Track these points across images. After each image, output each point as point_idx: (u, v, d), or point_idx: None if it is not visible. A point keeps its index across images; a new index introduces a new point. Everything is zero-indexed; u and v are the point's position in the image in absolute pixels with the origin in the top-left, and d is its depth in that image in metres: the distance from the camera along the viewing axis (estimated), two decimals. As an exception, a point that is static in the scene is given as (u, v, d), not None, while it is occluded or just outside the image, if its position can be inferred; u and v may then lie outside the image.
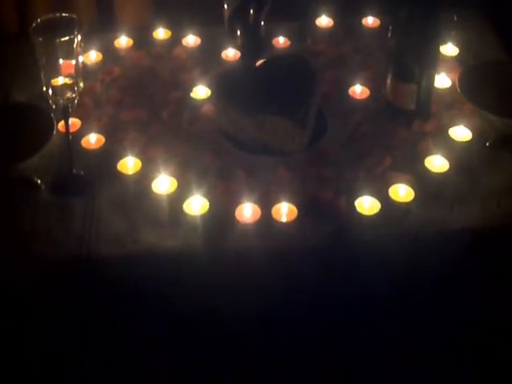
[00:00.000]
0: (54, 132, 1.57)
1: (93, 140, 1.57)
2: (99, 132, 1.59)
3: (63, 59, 1.40)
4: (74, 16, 1.43)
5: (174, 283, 1.38)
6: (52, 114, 1.58)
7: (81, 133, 1.58)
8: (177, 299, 1.38)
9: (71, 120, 1.50)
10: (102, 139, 1.58)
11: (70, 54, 1.40)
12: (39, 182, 1.50)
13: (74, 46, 1.39)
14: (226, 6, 1.78)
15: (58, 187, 1.49)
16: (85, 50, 1.66)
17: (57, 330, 1.43)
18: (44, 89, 1.43)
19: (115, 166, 1.51)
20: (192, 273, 1.37)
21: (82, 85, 1.44)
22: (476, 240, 1.41)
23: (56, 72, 1.42)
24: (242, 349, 1.48)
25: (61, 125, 1.57)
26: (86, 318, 1.42)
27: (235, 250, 1.38)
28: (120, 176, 1.50)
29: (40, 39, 1.38)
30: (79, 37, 1.40)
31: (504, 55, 1.80)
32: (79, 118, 1.60)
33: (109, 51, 1.81)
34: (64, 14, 1.43)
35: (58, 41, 1.37)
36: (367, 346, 1.49)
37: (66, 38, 1.38)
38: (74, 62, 1.41)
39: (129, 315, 1.42)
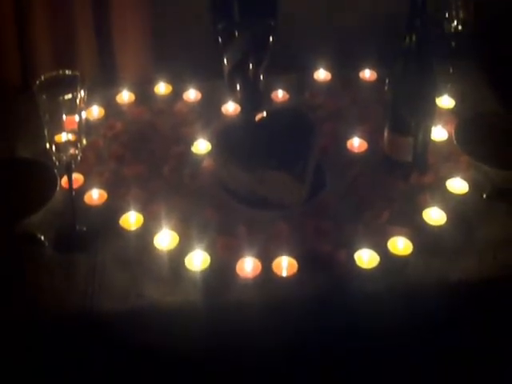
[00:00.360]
0: (58, 188, 1.59)
1: (95, 196, 1.60)
2: (101, 187, 1.61)
3: (66, 116, 1.42)
4: (77, 73, 1.45)
5: (175, 337, 1.39)
6: (55, 170, 1.60)
7: (83, 188, 1.61)
8: (179, 353, 1.39)
9: (74, 175, 1.52)
10: (105, 195, 1.60)
11: (73, 110, 1.42)
12: (42, 238, 1.52)
13: (77, 102, 1.42)
14: (225, 61, 1.81)
15: (61, 243, 1.51)
16: (87, 106, 1.70)
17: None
18: (47, 145, 1.45)
19: (117, 222, 1.53)
20: (193, 327, 1.39)
21: (84, 141, 1.47)
22: (472, 292, 1.42)
23: (59, 128, 1.44)
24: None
25: (64, 181, 1.59)
26: (88, 372, 1.43)
27: (236, 304, 1.39)
28: (122, 231, 1.52)
29: (44, 97, 1.40)
30: (82, 93, 1.42)
31: (499, 107, 1.83)
32: (82, 174, 1.63)
33: (111, 106, 1.85)
34: (67, 71, 1.45)
35: (61, 98, 1.39)
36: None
37: (70, 95, 1.40)
38: (77, 118, 1.43)
39: (132, 369, 1.43)
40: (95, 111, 1.82)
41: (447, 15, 1.79)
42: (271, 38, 1.78)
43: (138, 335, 1.40)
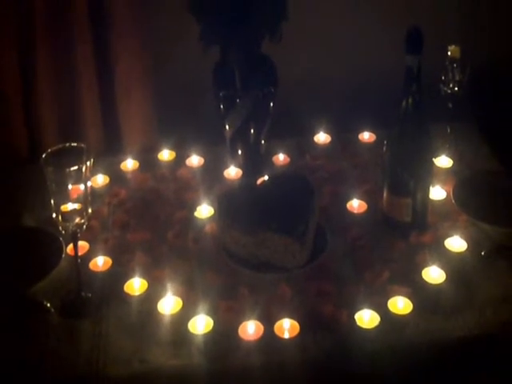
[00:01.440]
0: (63, 255, 1.61)
1: (100, 263, 1.62)
2: (106, 254, 1.64)
3: (72, 186, 1.46)
4: (83, 145, 1.49)
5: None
6: (61, 238, 1.63)
7: (89, 255, 1.64)
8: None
9: (79, 243, 1.54)
10: (109, 261, 1.63)
11: (78, 180, 1.46)
12: (48, 305, 1.54)
13: (83, 173, 1.46)
14: (227, 127, 1.86)
15: (66, 310, 1.54)
16: (92, 175, 1.74)
17: None
18: (54, 215, 1.48)
19: (122, 288, 1.55)
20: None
21: (90, 210, 1.50)
22: (473, 349, 1.43)
23: (65, 198, 1.47)
24: None
25: (69, 248, 1.61)
26: None
27: (239, 367, 1.41)
28: (127, 297, 1.54)
29: (50, 168, 1.45)
30: (88, 164, 1.46)
31: (497, 165, 1.86)
32: (87, 241, 1.66)
33: (115, 174, 1.89)
34: (73, 144, 1.50)
35: (67, 170, 1.44)
36: None
37: (75, 167, 1.44)
38: (82, 188, 1.47)
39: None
40: (100, 179, 1.86)
41: (443, 78, 1.83)
42: (271, 104, 1.84)
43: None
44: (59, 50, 1.94)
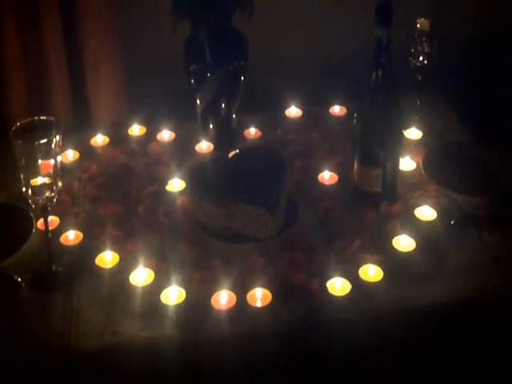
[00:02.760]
0: (34, 230, 1.60)
1: (71, 237, 1.62)
2: (77, 228, 1.63)
3: (42, 160, 1.45)
4: (52, 118, 1.49)
5: (152, 372, 1.40)
6: (31, 213, 1.62)
7: (59, 230, 1.63)
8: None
9: (50, 218, 1.53)
10: (80, 235, 1.62)
11: (48, 154, 1.45)
12: (19, 279, 1.54)
13: (53, 146, 1.45)
14: (198, 102, 1.85)
15: (37, 284, 1.53)
16: (62, 149, 1.72)
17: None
18: (24, 189, 1.47)
19: (93, 261, 1.55)
20: (170, 361, 1.40)
21: (60, 184, 1.49)
22: (443, 317, 1.45)
23: (35, 172, 1.46)
24: None
25: (40, 223, 1.61)
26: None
27: (212, 337, 1.41)
28: (98, 270, 1.54)
29: (19, 142, 1.43)
30: (57, 138, 1.45)
31: (466, 136, 1.87)
32: (57, 216, 1.65)
33: (85, 149, 1.88)
34: (42, 117, 1.49)
35: (36, 143, 1.43)
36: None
37: (45, 140, 1.43)
38: (52, 162, 1.46)
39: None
40: (70, 155, 1.85)
41: (413, 50, 1.84)
42: (242, 78, 1.83)
43: (114, 372, 1.41)
44: (27, 24, 1.92)
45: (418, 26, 1.83)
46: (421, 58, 1.84)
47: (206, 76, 1.80)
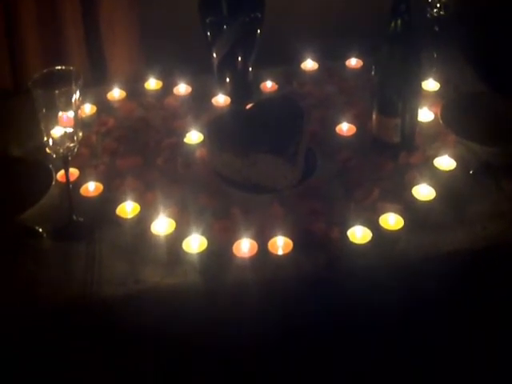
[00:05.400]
0: (53, 182, 1.61)
1: (91, 188, 1.62)
2: (97, 180, 1.64)
3: (62, 110, 1.45)
4: (72, 68, 1.49)
5: (174, 320, 1.42)
6: (50, 165, 1.63)
7: (79, 182, 1.63)
8: (178, 335, 1.42)
9: (69, 170, 1.54)
10: (100, 187, 1.63)
11: (68, 104, 1.45)
12: (40, 230, 1.55)
13: (73, 96, 1.45)
14: (214, 55, 1.85)
15: (59, 234, 1.54)
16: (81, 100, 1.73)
17: (62, 373, 1.47)
18: (45, 139, 1.48)
19: (114, 212, 1.55)
20: (192, 308, 1.42)
21: (80, 134, 1.50)
22: (464, 262, 1.46)
23: (55, 122, 1.47)
24: (241, 379, 1.51)
25: (59, 175, 1.62)
26: (90, 359, 1.45)
27: (234, 283, 1.42)
28: (119, 220, 1.54)
29: (39, 91, 1.44)
30: (77, 87, 1.45)
31: (481, 87, 1.87)
32: (77, 168, 1.65)
33: (102, 103, 1.88)
34: (62, 67, 1.49)
35: (57, 91, 1.43)
36: (368, 370, 1.53)
37: (66, 88, 1.43)
38: (73, 112, 1.46)
39: (133, 354, 1.45)
40: (87, 108, 1.85)
41: (430, 0, 1.83)
42: (258, 31, 1.83)
43: (137, 320, 1.42)
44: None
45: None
46: (437, 8, 1.83)
47: (222, 28, 1.81)
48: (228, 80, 1.88)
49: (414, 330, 1.50)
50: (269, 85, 1.92)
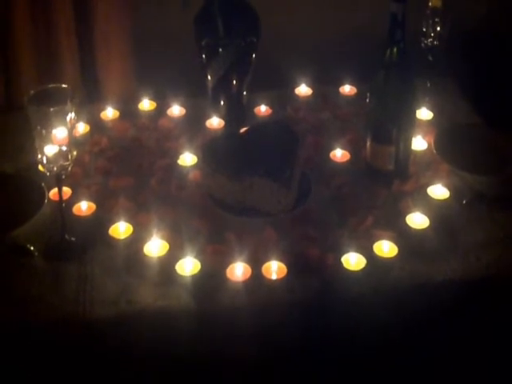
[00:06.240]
0: (46, 200, 1.60)
1: (84, 207, 1.62)
2: (90, 200, 1.63)
3: (57, 128, 1.45)
4: (66, 86, 1.48)
5: (167, 341, 1.41)
6: (43, 184, 1.62)
7: (72, 201, 1.62)
8: (171, 357, 1.41)
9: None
10: (93, 206, 1.62)
11: (63, 122, 1.44)
12: (32, 248, 1.53)
13: (68, 115, 1.44)
14: (209, 77, 1.85)
15: (51, 253, 1.53)
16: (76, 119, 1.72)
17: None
18: (39, 156, 1.47)
19: (107, 232, 1.55)
20: (185, 331, 1.41)
21: (75, 153, 1.49)
22: (457, 291, 1.46)
23: (50, 140, 1.46)
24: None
25: (52, 193, 1.61)
26: (82, 379, 1.43)
27: (227, 307, 1.42)
28: (112, 241, 1.54)
29: (35, 108, 1.43)
30: (72, 106, 1.45)
31: (475, 118, 1.89)
32: (69, 187, 1.64)
33: (96, 123, 1.87)
34: (57, 85, 1.49)
35: (52, 109, 1.42)
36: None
37: (60, 106, 1.43)
38: (67, 130, 1.45)
39: (124, 374, 1.44)
40: (80, 127, 1.84)
41: (424, 29, 1.84)
42: (253, 55, 1.83)
43: (129, 341, 1.41)
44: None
45: (430, 4, 1.83)
46: (432, 38, 1.85)
47: (217, 51, 1.81)
48: (222, 103, 1.88)
49: (406, 358, 1.49)
50: (263, 109, 1.92)
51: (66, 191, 1.63)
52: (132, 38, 2.01)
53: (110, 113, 1.90)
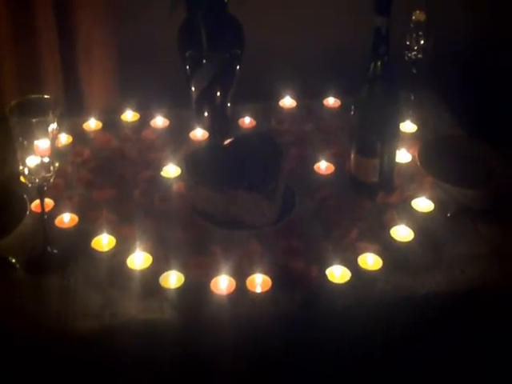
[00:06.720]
0: (28, 212, 1.58)
1: (66, 219, 1.60)
2: (72, 211, 1.61)
3: (39, 139, 1.43)
4: (49, 97, 1.47)
5: (151, 355, 1.39)
6: (25, 195, 1.60)
7: (54, 213, 1.61)
8: (155, 370, 1.40)
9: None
10: (76, 218, 1.60)
11: (45, 133, 1.43)
12: (13, 260, 1.52)
13: (50, 126, 1.43)
14: (193, 89, 1.85)
15: (33, 266, 1.51)
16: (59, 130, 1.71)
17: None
18: (20, 167, 1.45)
19: (89, 244, 1.53)
20: (168, 344, 1.39)
21: (57, 164, 1.47)
22: (441, 305, 1.46)
23: (32, 151, 1.44)
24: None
25: (34, 205, 1.60)
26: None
27: (211, 321, 1.41)
28: (94, 253, 1.52)
29: (17, 119, 1.41)
30: (55, 117, 1.43)
31: (459, 130, 1.89)
32: (52, 199, 1.63)
33: (78, 134, 1.86)
34: (40, 96, 1.47)
35: (34, 120, 1.41)
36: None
37: (43, 117, 1.41)
38: (49, 141, 1.44)
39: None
40: (63, 138, 1.83)
41: (408, 43, 1.85)
42: (237, 67, 1.83)
43: (113, 353, 1.40)
44: (18, 10, 1.90)
45: (414, 17, 1.84)
46: (415, 51, 1.86)
47: (201, 63, 1.81)
48: (206, 114, 1.87)
49: (391, 370, 1.49)
50: (247, 121, 1.91)
51: (48, 203, 1.61)
52: (115, 49, 2.00)
53: (92, 124, 1.89)
